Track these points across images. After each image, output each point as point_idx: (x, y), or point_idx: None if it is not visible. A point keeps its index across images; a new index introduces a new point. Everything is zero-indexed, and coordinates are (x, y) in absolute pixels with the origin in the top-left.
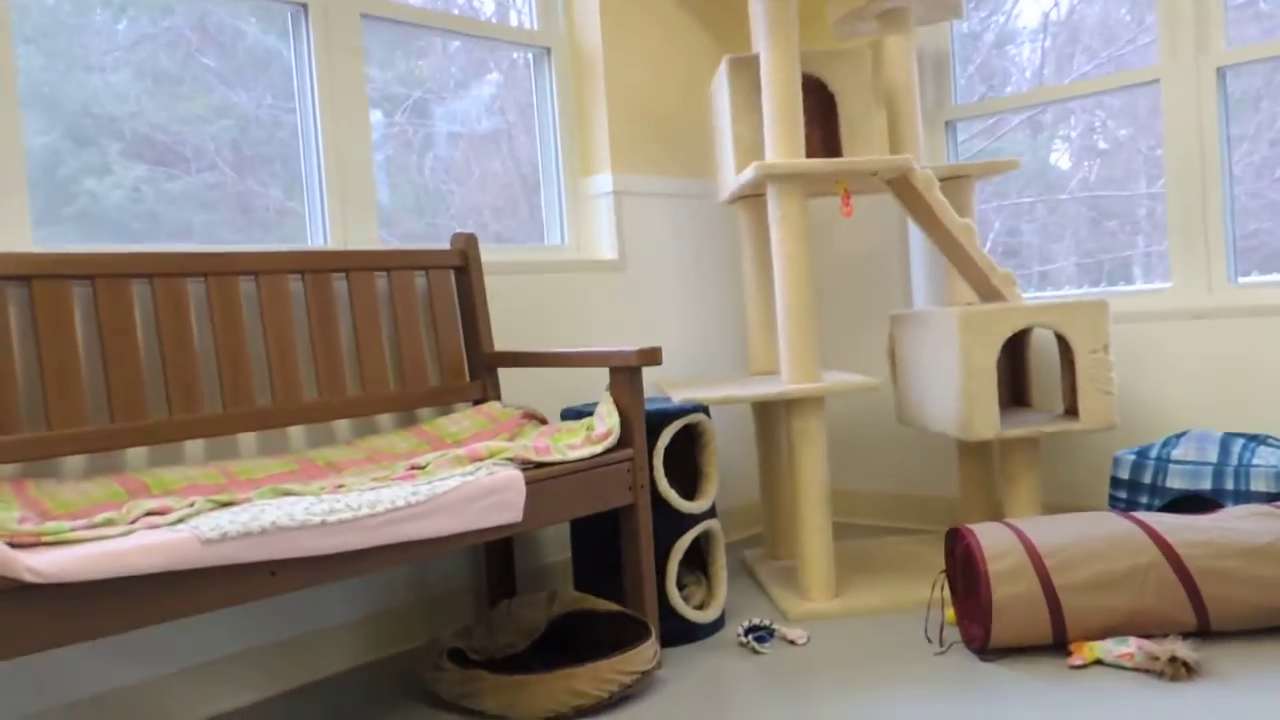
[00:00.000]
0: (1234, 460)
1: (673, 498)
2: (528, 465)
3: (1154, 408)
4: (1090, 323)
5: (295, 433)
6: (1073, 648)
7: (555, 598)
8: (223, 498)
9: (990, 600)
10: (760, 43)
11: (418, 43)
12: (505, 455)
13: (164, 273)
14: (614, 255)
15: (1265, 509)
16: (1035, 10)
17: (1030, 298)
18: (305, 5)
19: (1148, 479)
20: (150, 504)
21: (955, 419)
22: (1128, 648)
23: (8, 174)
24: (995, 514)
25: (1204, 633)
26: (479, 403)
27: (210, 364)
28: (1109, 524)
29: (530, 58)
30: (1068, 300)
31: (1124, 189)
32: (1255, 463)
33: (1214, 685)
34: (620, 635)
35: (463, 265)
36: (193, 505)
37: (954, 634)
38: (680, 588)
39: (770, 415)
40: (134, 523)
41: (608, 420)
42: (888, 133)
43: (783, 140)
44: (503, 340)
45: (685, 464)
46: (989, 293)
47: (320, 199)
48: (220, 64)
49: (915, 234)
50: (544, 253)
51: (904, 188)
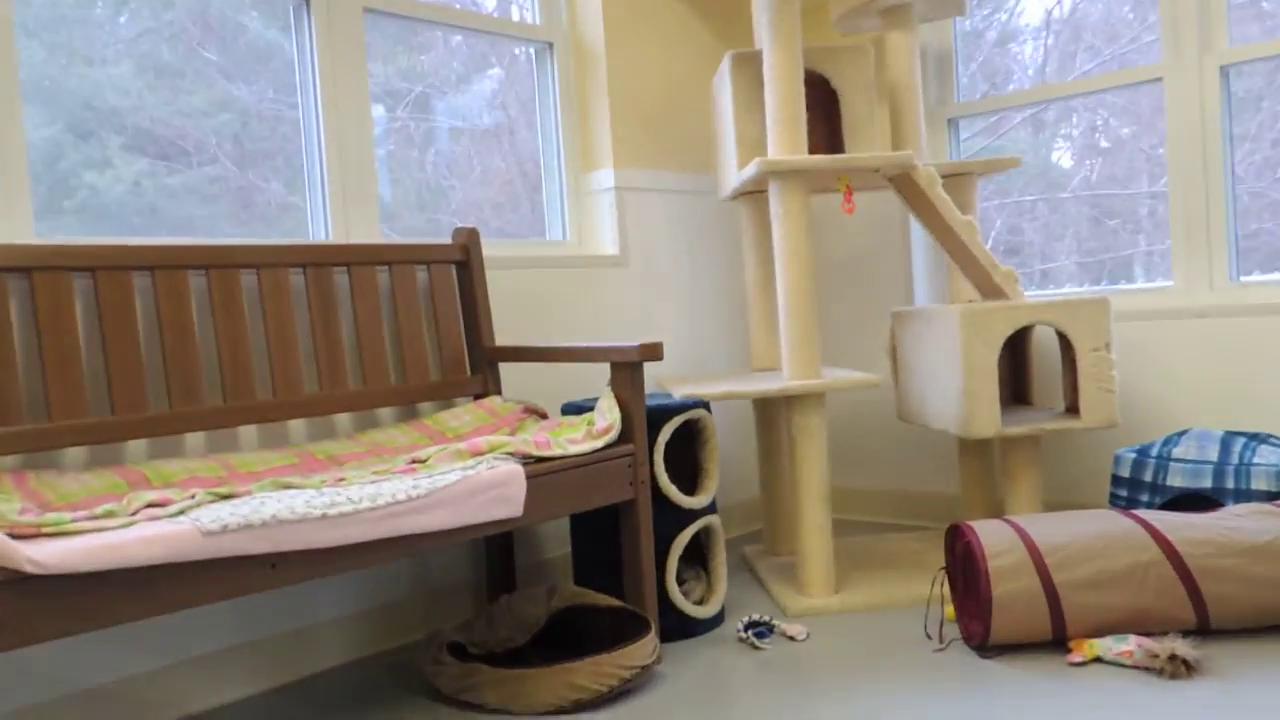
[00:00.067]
0: (1235, 459)
1: (673, 493)
2: (528, 460)
3: (1155, 406)
4: (1092, 321)
5: (296, 426)
6: (1072, 645)
7: (555, 592)
8: (223, 490)
9: (990, 597)
10: (763, 38)
11: (419, 37)
12: (506, 450)
13: (165, 265)
14: (615, 251)
15: (1266, 508)
16: (1038, 8)
17: (1031, 296)
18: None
19: (1148, 477)
20: (151, 495)
21: (956, 416)
22: (1127, 645)
23: (9, 166)
24: (996, 511)
25: (1203, 631)
26: (480, 397)
27: (211, 357)
28: (1109, 522)
29: (532, 53)
30: (1070, 298)
31: (1125, 188)
32: (1256, 462)
33: (1213, 683)
34: (620, 630)
35: (464, 260)
36: (193, 497)
37: (953, 631)
38: (680, 583)
39: (771, 411)
40: (134, 514)
41: (609, 415)
42: (890, 129)
43: (785, 136)
44: (504, 335)
45: (686, 460)
46: (991, 290)
47: (322, 193)
48: (222, 58)
49: (917, 231)
50: (545, 248)
51: (906, 184)
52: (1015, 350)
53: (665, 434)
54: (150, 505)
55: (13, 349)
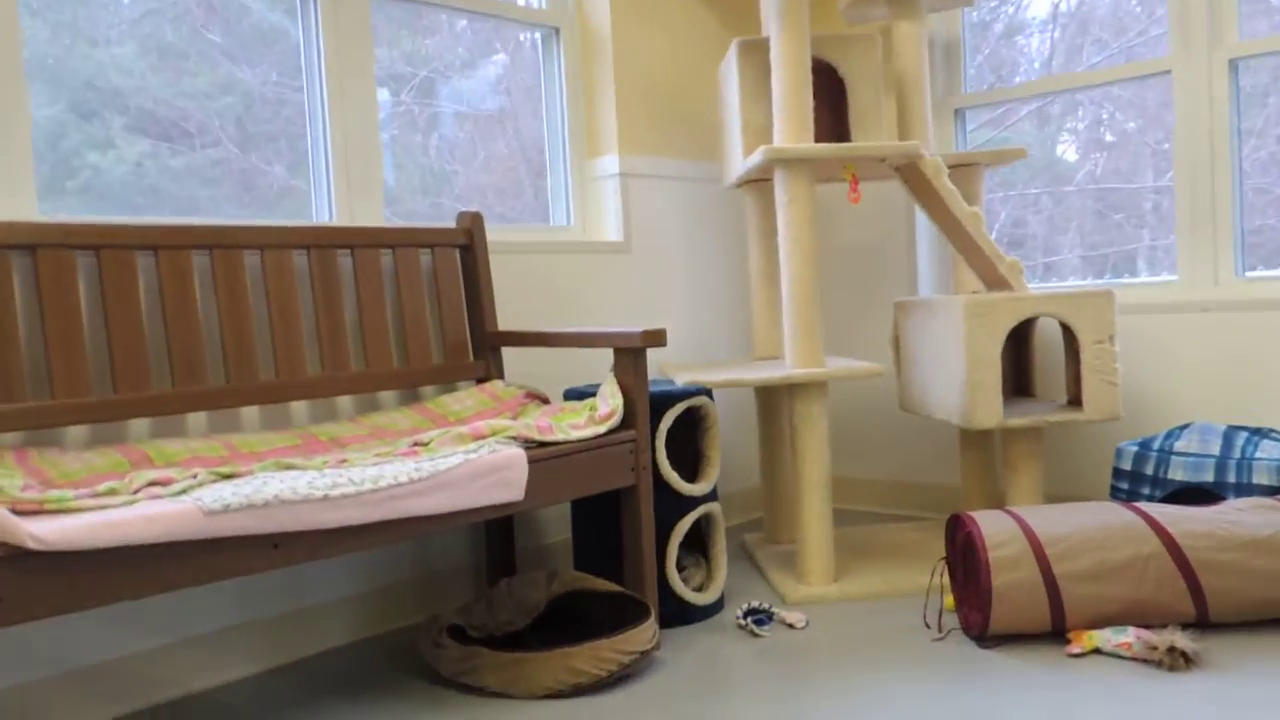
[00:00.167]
0: (1237, 453)
1: (674, 480)
2: (530, 444)
3: (1158, 400)
4: (1096, 313)
5: (298, 408)
6: (1071, 636)
7: (555, 577)
8: (225, 470)
9: (990, 587)
10: (770, 26)
11: (424, 21)
12: (508, 434)
13: (169, 245)
14: (619, 237)
15: (1267, 502)
16: (1045, 1)
17: (1035, 288)
18: None
19: (1150, 470)
20: (153, 474)
21: (958, 407)
22: (1126, 637)
23: (13, 145)
24: (997, 502)
25: (1203, 624)
26: (482, 381)
27: (214, 337)
28: (1110, 514)
29: (538, 38)
30: (1074, 290)
31: (1130, 182)
32: (1258, 456)
33: (1212, 676)
34: (619, 615)
35: (468, 244)
36: (195, 477)
37: (952, 620)
38: (680, 570)
39: (773, 400)
40: (136, 493)
41: (611, 401)
42: (897, 119)
43: (791, 124)
44: (506, 320)
45: (687, 447)
46: (995, 281)
47: (326, 177)
48: (226, 40)
49: (922, 221)
50: (549, 233)
51: (912, 174)
52: (1019, 342)
53: (667, 421)
54: (152, 484)
55: (16, 326)
